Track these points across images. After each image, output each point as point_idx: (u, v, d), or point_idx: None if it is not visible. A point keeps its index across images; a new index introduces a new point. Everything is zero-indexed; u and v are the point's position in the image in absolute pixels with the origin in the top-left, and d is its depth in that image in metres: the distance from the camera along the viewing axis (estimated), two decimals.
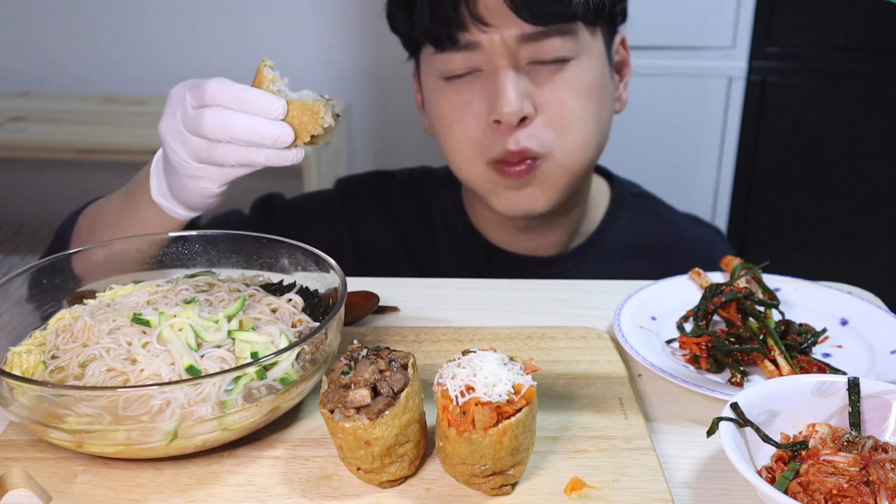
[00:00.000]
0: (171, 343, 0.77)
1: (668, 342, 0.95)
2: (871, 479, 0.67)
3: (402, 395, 0.68)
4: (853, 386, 0.75)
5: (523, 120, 1.11)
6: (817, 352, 0.93)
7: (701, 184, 2.63)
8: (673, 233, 1.37)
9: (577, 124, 1.15)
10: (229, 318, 0.82)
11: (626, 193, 1.37)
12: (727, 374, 0.89)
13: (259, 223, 1.30)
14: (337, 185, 1.39)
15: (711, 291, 0.95)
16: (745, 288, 0.96)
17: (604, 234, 1.32)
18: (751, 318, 0.93)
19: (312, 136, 0.83)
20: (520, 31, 1.09)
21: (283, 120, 0.82)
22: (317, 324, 0.85)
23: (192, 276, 0.92)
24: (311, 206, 1.36)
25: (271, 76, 0.84)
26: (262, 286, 0.92)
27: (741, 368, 0.88)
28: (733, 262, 1.03)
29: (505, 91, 1.09)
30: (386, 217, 1.34)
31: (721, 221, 2.67)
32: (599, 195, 1.35)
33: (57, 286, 0.89)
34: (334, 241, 1.30)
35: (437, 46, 1.14)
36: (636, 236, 1.33)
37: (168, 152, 0.88)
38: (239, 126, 0.82)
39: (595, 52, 1.17)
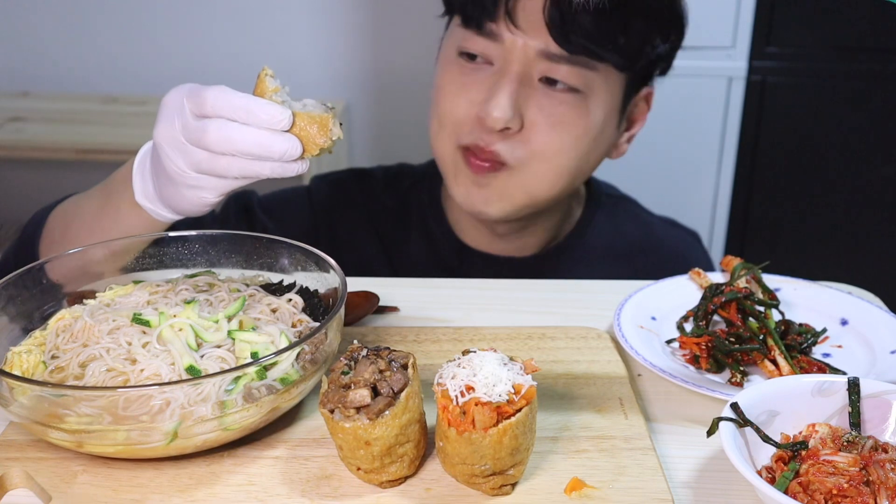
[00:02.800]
0: (171, 343, 0.77)
1: (668, 342, 0.95)
2: (871, 479, 0.67)
3: (402, 395, 0.68)
4: (853, 386, 0.75)
5: (506, 129, 1.11)
6: (817, 352, 0.94)
7: (701, 184, 2.63)
8: (649, 235, 1.37)
9: (556, 157, 1.14)
10: (229, 318, 0.82)
11: (602, 195, 1.36)
12: (727, 374, 0.89)
13: (236, 220, 1.28)
14: (313, 182, 1.37)
15: (711, 291, 0.95)
16: (745, 288, 0.96)
17: (580, 236, 1.33)
18: (751, 318, 0.93)
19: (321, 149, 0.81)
20: (543, 47, 1.09)
21: (289, 131, 0.79)
22: (317, 324, 0.85)
23: (192, 276, 0.92)
24: (287, 204, 1.35)
25: (274, 86, 0.81)
26: (262, 286, 0.92)
27: (741, 368, 0.88)
28: (733, 262, 1.03)
29: (501, 96, 1.09)
30: (363, 214, 1.33)
31: (721, 221, 2.67)
32: (576, 197, 1.35)
33: (57, 286, 0.89)
34: (310, 238, 1.30)
35: (464, 22, 1.14)
36: (612, 238, 1.33)
37: (164, 161, 0.85)
38: (245, 140, 0.78)
39: (606, 95, 1.14)
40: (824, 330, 0.96)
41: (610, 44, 1.10)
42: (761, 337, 0.90)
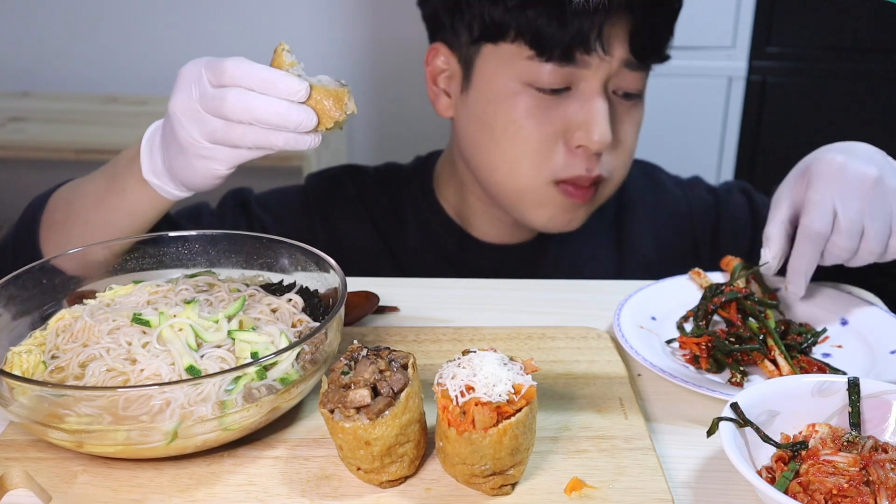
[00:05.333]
0: (171, 343, 0.77)
1: (668, 342, 0.95)
2: (871, 479, 0.67)
3: (402, 395, 0.68)
4: (853, 386, 0.75)
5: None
6: (817, 352, 0.93)
7: None
8: (623, 196, 1.37)
9: (630, 157, 1.20)
10: (229, 318, 0.82)
11: None
12: (727, 374, 0.89)
13: (234, 217, 1.28)
14: (308, 179, 1.37)
15: (711, 291, 0.95)
16: (745, 288, 0.96)
17: None
18: (751, 318, 0.93)
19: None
20: (624, 58, 1.10)
21: (305, 104, 0.80)
22: (317, 324, 0.85)
23: (192, 276, 0.92)
24: (283, 200, 1.34)
25: (290, 60, 0.82)
26: (262, 286, 0.92)
27: (741, 368, 0.88)
28: (733, 262, 1.03)
29: (600, 119, 1.09)
30: (359, 208, 1.33)
31: None
32: None
33: (57, 286, 0.89)
34: (308, 232, 1.30)
35: (544, 55, 1.09)
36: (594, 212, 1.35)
37: (178, 131, 0.85)
38: (264, 108, 0.79)
39: (645, 89, 1.20)
40: (824, 330, 0.96)
41: (669, 44, 1.16)
42: (761, 337, 0.90)
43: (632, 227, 1.33)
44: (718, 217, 1.33)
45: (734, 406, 0.72)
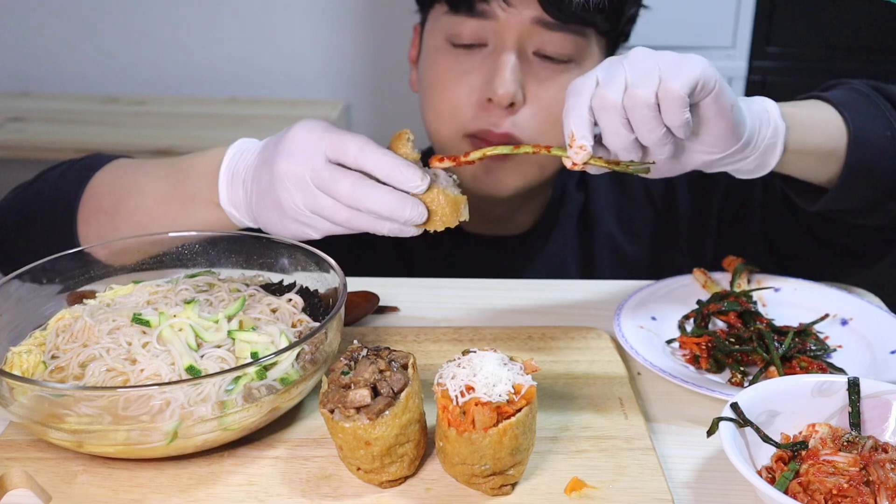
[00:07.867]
0: (171, 343, 0.77)
1: (669, 342, 0.95)
2: (871, 479, 0.67)
3: (402, 395, 0.68)
4: (853, 386, 0.75)
5: (512, 105, 1.12)
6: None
7: None
8: (584, 174, 1.36)
9: (558, 125, 1.16)
10: (229, 318, 0.82)
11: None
12: (727, 374, 0.89)
13: None
14: None
15: (714, 299, 0.96)
16: (745, 298, 0.96)
17: (561, 204, 1.34)
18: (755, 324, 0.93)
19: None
20: (536, 16, 1.10)
21: (421, 198, 0.79)
22: (317, 324, 0.85)
23: (192, 276, 0.92)
24: None
25: (414, 154, 0.80)
26: (262, 286, 0.92)
27: (741, 368, 0.88)
28: (735, 262, 1.03)
29: (504, 72, 1.10)
30: None
31: None
32: None
33: (57, 286, 0.89)
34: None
35: (452, 7, 1.13)
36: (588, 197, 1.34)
37: (281, 194, 0.82)
38: (378, 201, 0.78)
39: (593, 61, 1.18)
40: (833, 349, 0.95)
41: (598, 6, 1.11)
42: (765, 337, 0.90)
43: (593, 205, 1.33)
44: (672, 181, 1.30)
45: (734, 406, 0.72)
